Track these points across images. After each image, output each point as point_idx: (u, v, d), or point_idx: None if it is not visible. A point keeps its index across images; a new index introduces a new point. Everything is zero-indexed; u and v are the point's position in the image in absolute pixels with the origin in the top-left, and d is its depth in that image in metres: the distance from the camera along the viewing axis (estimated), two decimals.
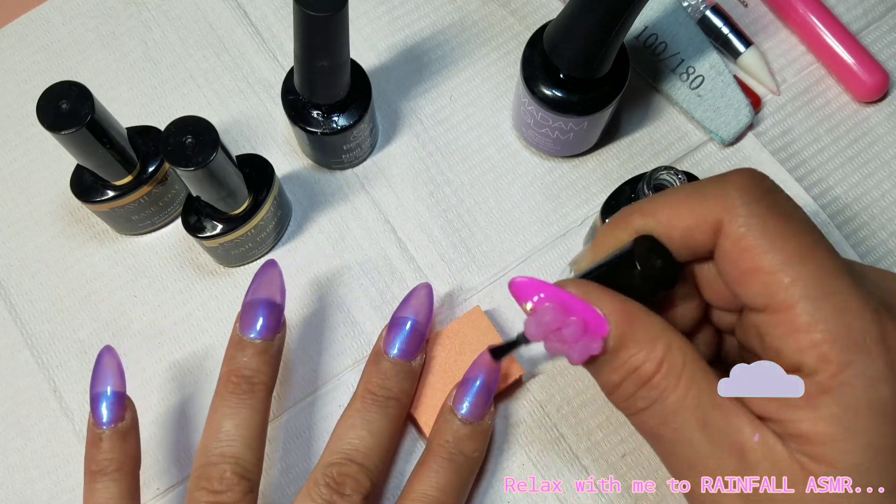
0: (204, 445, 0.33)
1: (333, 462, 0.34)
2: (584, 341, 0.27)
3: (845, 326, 0.25)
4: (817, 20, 0.45)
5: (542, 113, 0.39)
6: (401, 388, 0.36)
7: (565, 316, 0.27)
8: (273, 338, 0.35)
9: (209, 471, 0.32)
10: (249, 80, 0.46)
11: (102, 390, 0.34)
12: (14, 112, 0.45)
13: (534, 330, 0.28)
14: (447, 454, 0.35)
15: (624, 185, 0.38)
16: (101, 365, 0.34)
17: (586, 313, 0.27)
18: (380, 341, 0.37)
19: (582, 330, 0.27)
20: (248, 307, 0.35)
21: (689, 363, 0.27)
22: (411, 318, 0.37)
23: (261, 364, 0.35)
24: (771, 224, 0.26)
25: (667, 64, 0.44)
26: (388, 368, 0.36)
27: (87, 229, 0.43)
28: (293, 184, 0.44)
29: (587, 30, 0.35)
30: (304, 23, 0.33)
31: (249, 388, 0.34)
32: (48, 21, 0.47)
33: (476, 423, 0.36)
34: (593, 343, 0.27)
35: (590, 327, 0.27)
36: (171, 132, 0.33)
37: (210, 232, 0.38)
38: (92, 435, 0.34)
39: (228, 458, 0.33)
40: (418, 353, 0.37)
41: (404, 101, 0.45)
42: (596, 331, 0.27)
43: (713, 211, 0.27)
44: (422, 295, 0.38)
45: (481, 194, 0.44)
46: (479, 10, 0.47)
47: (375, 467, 0.35)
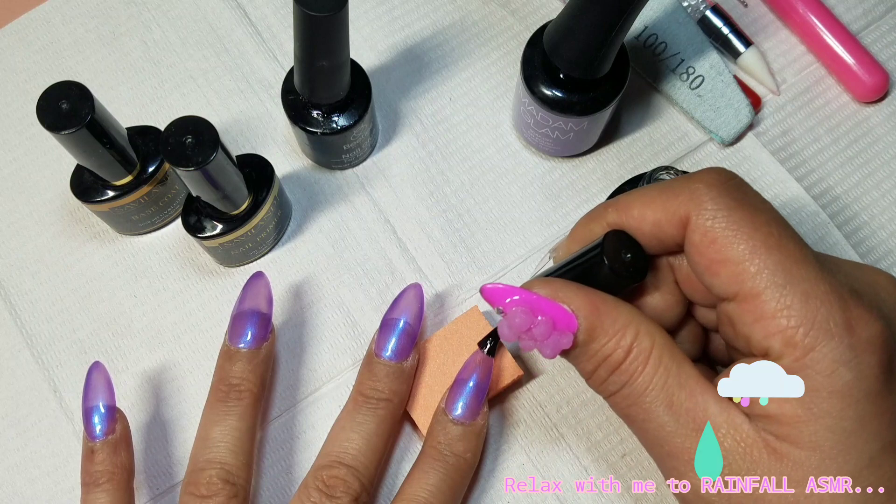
0: (193, 453, 0.35)
1: (324, 465, 0.35)
2: (554, 337, 0.29)
3: (811, 312, 0.26)
4: (817, 20, 0.45)
5: (542, 113, 0.39)
6: (392, 389, 0.36)
7: (534, 316, 0.29)
8: (261, 347, 0.36)
9: (196, 476, 0.34)
10: (249, 80, 0.46)
11: (94, 405, 0.35)
12: (14, 112, 0.45)
13: (506, 332, 0.30)
14: (439, 455, 0.35)
15: (624, 185, 0.38)
16: (91, 380, 0.36)
17: (554, 312, 0.29)
18: (372, 344, 0.37)
19: (550, 328, 0.29)
20: (235, 319, 0.37)
21: (657, 347, 0.29)
22: (402, 319, 0.37)
23: (247, 372, 0.36)
24: (737, 216, 0.28)
25: (667, 64, 0.44)
26: (380, 370, 0.37)
27: (87, 229, 0.43)
28: (293, 184, 0.44)
29: (587, 30, 0.35)
30: (304, 23, 0.33)
31: (236, 396, 0.35)
32: (48, 21, 0.47)
33: (468, 424, 0.36)
34: (563, 338, 0.29)
35: (559, 324, 0.29)
36: (171, 132, 0.33)
37: (210, 232, 0.38)
38: (86, 448, 0.35)
39: (214, 464, 0.34)
40: (410, 353, 0.37)
41: (404, 101, 0.45)
42: (566, 327, 0.29)
43: (682, 205, 0.28)
44: (411, 296, 0.38)
45: (481, 194, 0.44)
46: (479, 10, 0.47)
47: (366, 469, 0.35)
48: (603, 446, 0.39)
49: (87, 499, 0.34)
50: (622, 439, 0.40)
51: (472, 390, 0.36)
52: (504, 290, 0.30)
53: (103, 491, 0.34)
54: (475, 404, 0.36)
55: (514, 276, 0.42)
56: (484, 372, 0.36)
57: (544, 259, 0.37)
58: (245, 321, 0.36)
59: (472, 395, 0.36)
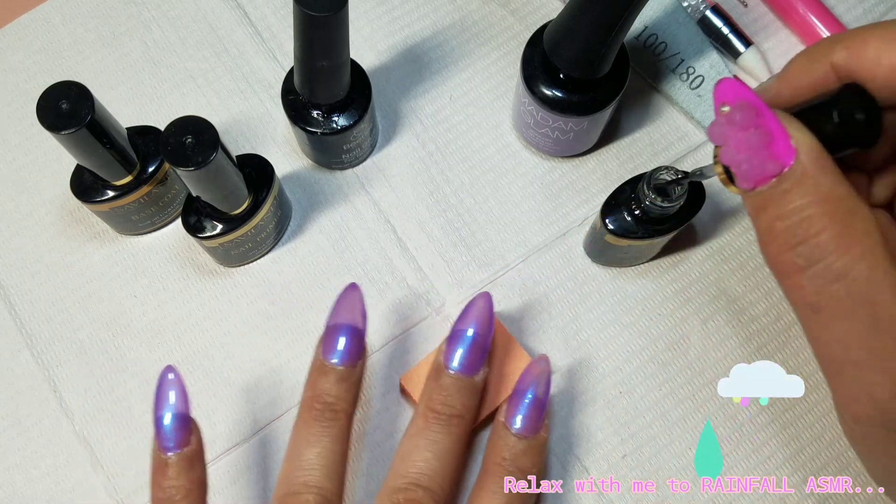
0: (286, 473, 0.33)
1: (400, 487, 0.33)
2: (764, 156, 0.24)
3: None
4: (817, 20, 0.45)
5: (542, 113, 0.39)
6: (464, 404, 0.34)
7: (758, 122, 0.25)
8: (355, 364, 0.34)
9: (292, 500, 0.32)
10: (249, 80, 0.46)
11: (164, 413, 0.32)
12: (14, 112, 0.45)
13: (720, 128, 0.25)
14: (505, 473, 0.34)
15: (624, 185, 0.38)
16: (163, 386, 0.33)
17: (778, 132, 0.24)
18: (439, 355, 0.35)
19: (767, 143, 0.24)
20: (330, 331, 0.35)
21: (870, 233, 0.24)
22: (471, 330, 0.35)
23: (343, 391, 0.34)
24: None
25: (667, 64, 0.44)
26: (450, 384, 0.34)
27: (87, 229, 0.43)
28: (293, 184, 0.44)
29: (587, 30, 0.35)
30: (304, 23, 0.33)
31: (332, 416, 0.33)
32: (48, 21, 0.47)
33: (531, 438, 0.34)
34: (772, 164, 0.24)
35: (776, 148, 0.24)
36: (171, 132, 0.33)
37: (210, 232, 0.38)
38: (158, 460, 0.32)
39: (312, 488, 0.32)
40: (481, 367, 0.35)
41: (404, 101, 0.45)
42: (781, 156, 0.24)
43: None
44: (481, 305, 0.36)
45: (481, 194, 0.44)
46: (479, 10, 0.47)
47: (443, 490, 0.33)
48: (603, 447, 0.39)
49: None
50: (623, 440, 0.40)
51: (532, 402, 0.35)
52: (738, 87, 0.25)
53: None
54: (537, 416, 0.34)
55: (514, 276, 0.42)
56: (543, 383, 0.35)
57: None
58: (340, 335, 0.34)
59: (533, 407, 0.35)
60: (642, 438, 0.40)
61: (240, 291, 0.42)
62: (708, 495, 0.39)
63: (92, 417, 0.40)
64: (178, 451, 0.32)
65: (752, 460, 0.39)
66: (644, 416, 0.40)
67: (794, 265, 0.24)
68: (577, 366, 0.41)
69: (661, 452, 0.39)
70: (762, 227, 0.25)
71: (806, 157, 0.24)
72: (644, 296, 0.42)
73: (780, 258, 0.25)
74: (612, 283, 0.42)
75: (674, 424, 0.40)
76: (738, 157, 0.25)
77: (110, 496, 0.39)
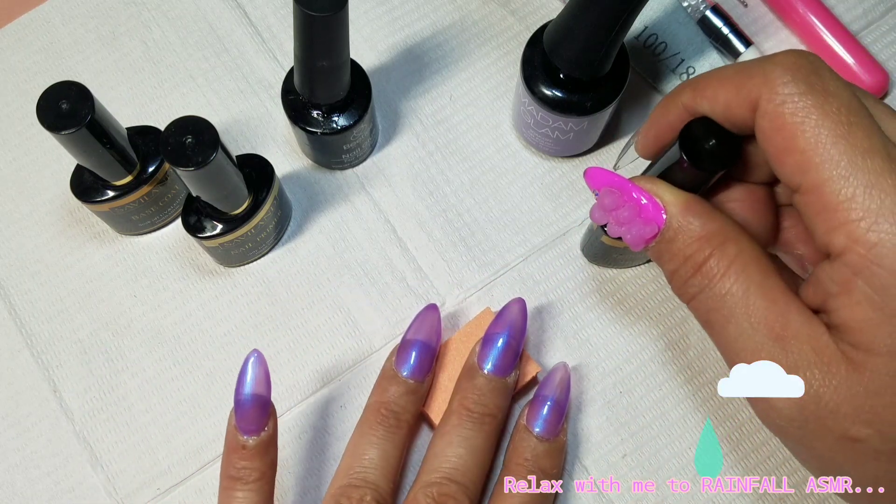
0: (346, 465, 0.35)
1: (433, 482, 0.34)
2: (639, 224, 0.29)
3: (875, 204, 0.25)
4: (817, 20, 0.45)
5: (542, 113, 0.39)
6: (496, 404, 0.36)
7: (623, 201, 0.30)
8: (423, 379, 0.37)
9: (350, 491, 0.34)
10: (249, 80, 0.46)
11: (247, 395, 0.33)
12: (14, 112, 0.45)
13: (597, 212, 0.30)
14: (527, 472, 0.35)
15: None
16: (246, 369, 0.33)
17: (646, 198, 0.29)
18: (473, 356, 0.37)
19: (636, 213, 0.29)
20: (405, 345, 0.37)
21: (743, 253, 0.28)
22: (505, 334, 0.37)
23: (409, 403, 0.36)
24: (807, 102, 0.26)
25: (667, 64, 0.44)
26: (484, 384, 0.36)
27: (87, 229, 0.43)
28: (293, 184, 0.44)
29: (587, 30, 0.35)
30: (304, 23, 0.33)
31: (396, 423, 0.36)
32: (48, 21, 0.47)
33: (552, 441, 0.36)
34: (648, 227, 0.29)
35: (647, 214, 0.29)
36: (171, 132, 0.33)
37: (210, 232, 0.38)
38: (234, 440, 0.33)
39: (370, 484, 0.34)
40: (513, 369, 0.37)
41: (404, 101, 0.45)
42: (653, 219, 0.29)
43: (754, 87, 0.27)
44: (515, 310, 0.38)
45: (481, 194, 0.44)
46: (479, 10, 0.47)
47: (474, 486, 0.35)
48: (603, 447, 0.39)
49: (233, 495, 0.33)
50: (622, 440, 0.40)
51: (553, 406, 0.37)
52: (603, 174, 0.30)
53: (252, 490, 0.33)
54: (557, 420, 0.37)
55: (514, 276, 0.42)
56: (564, 389, 0.37)
57: (630, 142, 0.36)
58: (413, 350, 0.37)
59: (553, 411, 0.37)
60: (642, 438, 0.40)
61: (240, 291, 0.42)
62: (708, 495, 0.39)
63: (92, 417, 0.40)
64: (256, 435, 0.33)
65: (752, 460, 0.39)
66: (644, 416, 0.40)
67: (689, 294, 0.29)
68: (577, 366, 0.41)
69: (661, 452, 0.39)
70: (663, 270, 0.30)
71: (674, 210, 0.29)
72: (644, 296, 0.42)
73: (680, 290, 0.29)
74: (612, 283, 0.42)
75: (674, 424, 0.40)
76: (619, 231, 0.30)
77: (110, 496, 0.39)
